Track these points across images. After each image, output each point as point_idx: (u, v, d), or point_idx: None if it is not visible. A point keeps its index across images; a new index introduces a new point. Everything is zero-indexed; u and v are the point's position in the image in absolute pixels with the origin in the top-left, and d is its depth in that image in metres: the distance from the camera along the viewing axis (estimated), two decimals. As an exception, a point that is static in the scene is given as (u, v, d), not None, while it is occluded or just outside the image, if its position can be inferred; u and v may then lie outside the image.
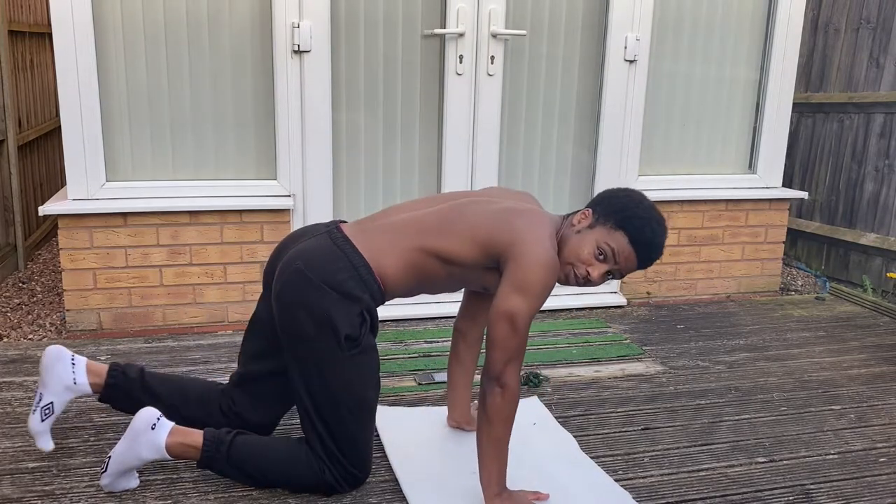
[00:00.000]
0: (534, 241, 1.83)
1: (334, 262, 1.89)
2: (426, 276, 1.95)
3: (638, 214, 1.89)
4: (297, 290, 1.89)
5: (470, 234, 1.90)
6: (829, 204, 4.49)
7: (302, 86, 3.11)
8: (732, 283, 3.88)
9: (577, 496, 1.99)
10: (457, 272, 1.94)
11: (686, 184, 3.73)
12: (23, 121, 4.21)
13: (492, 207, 1.95)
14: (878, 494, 2.10)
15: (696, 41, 3.64)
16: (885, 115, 4.14)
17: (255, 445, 1.98)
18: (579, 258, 1.90)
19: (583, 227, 1.93)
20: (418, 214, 1.99)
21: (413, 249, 1.92)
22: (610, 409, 2.56)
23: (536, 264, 1.79)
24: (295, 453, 1.97)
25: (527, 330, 1.79)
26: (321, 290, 1.86)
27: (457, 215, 1.95)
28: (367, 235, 1.96)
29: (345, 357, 1.89)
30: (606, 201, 1.95)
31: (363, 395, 1.94)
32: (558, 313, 3.53)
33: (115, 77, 3.00)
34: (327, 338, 1.87)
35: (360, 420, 1.95)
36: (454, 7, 3.21)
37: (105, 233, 3.03)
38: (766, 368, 2.96)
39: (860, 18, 4.27)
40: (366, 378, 1.95)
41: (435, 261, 1.92)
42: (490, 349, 1.79)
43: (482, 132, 3.36)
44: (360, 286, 1.89)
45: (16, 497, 1.94)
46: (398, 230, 1.96)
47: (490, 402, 1.79)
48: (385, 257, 1.92)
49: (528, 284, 1.78)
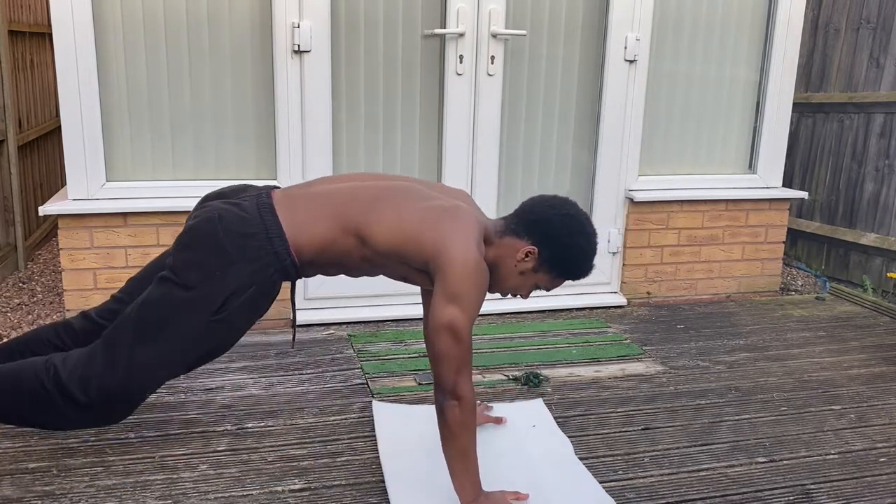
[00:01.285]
0: (462, 249, 1.81)
1: (249, 226, 1.88)
2: (342, 255, 1.92)
3: (584, 268, 1.95)
4: (201, 237, 1.88)
5: (397, 225, 1.88)
6: (830, 204, 4.49)
7: (302, 86, 3.11)
8: (732, 283, 3.88)
9: (557, 499, 1.98)
10: (372, 257, 1.92)
11: (686, 184, 3.73)
12: (23, 121, 4.21)
13: (424, 204, 1.93)
14: (878, 494, 2.10)
15: (696, 41, 3.64)
16: (885, 115, 4.14)
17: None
18: (517, 294, 1.99)
19: (526, 268, 1.93)
20: (350, 187, 1.97)
21: (334, 225, 1.90)
22: (610, 409, 2.56)
23: (466, 273, 1.78)
24: (33, 363, 1.95)
25: (469, 337, 1.78)
26: (223, 249, 1.85)
27: (388, 200, 1.92)
28: (292, 203, 1.94)
29: (204, 315, 1.87)
30: (552, 243, 1.90)
31: (180, 351, 1.92)
32: (558, 313, 3.53)
33: (115, 77, 3.00)
34: (204, 292, 1.86)
35: (152, 364, 1.92)
36: (454, 7, 3.21)
37: (105, 233, 3.03)
38: (767, 368, 2.96)
39: (860, 18, 4.26)
40: (198, 344, 1.93)
41: (354, 240, 1.90)
42: (436, 364, 1.77)
43: (482, 132, 3.36)
44: (268, 257, 1.87)
45: (16, 497, 1.94)
46: (324, 202, 1.94)
47: (450, 417, 1.77)
48: (304, 229, 1.90)
49: (462, 293, 1.77)
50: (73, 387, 1.91)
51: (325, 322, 3.26)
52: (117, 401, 1.95)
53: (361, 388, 2.66)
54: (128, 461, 2.13)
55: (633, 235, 3.66)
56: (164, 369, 1.97)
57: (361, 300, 3.34)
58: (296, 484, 2.05)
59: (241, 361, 2.84)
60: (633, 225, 3.65)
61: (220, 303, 1.86)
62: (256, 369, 2.78)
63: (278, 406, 2.50)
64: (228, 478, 2.07)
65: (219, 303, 1.86)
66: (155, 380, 1.98)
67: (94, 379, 1.91)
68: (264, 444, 2.25)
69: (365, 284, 3.32)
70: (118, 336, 1.94)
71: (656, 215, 3.67)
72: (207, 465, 2.13)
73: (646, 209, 3.64)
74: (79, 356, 1.95)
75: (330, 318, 3.27)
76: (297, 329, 3.19)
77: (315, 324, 3.24)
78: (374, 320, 3.30)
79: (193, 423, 2.36)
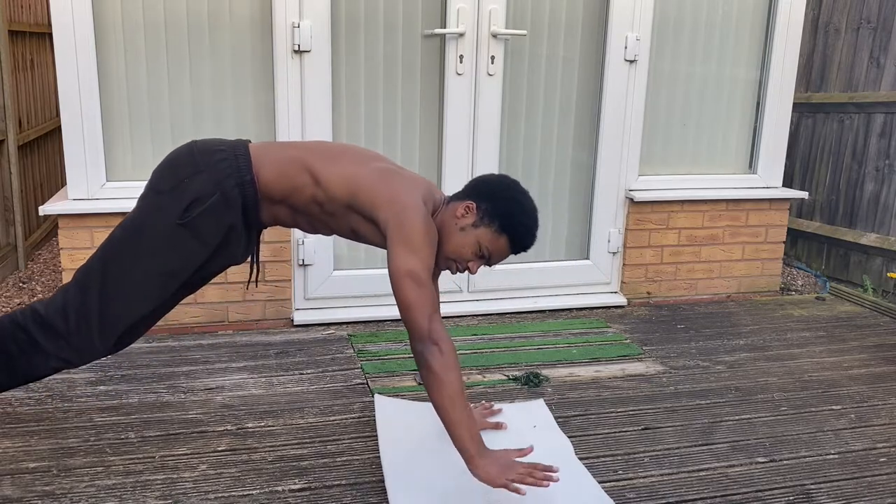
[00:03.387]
0: (412, 203, 1.90)
1: (219, 147, 2.00)
2: (294, 189, 1.99)
3: (522, 222, 1.99)
4: (176, 156, 2.02)
5: (352, 174, 1.97)
6: (830, 204, 4.49)
7: (302, 85, 3.11)
8: (733, 283, 3.88)
9: (557, 499, 1.98)
10: (323, 200, 1.98)
11: (686, 184, 3.73)
12: (23, 121, 4.21)
13: (383, 164, 2.05)
14: (878, 494, 2.10)
15: (696, 41, 3.64)
16: (885, 115, 4.14)
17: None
18: (461, 256, 2.00)
19: (466, 223, 1.98)
20: (319, 143, 2.21)
21: (294, 163, 1.99)
22: (610, 409, 2.56)
23: (416, 222, 1.86)
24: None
25: (430, 281, 1.84)
26: (193, 161, 1.97)
27: (351, 157, 2.04)
28: (263, 145, 2.07)
29: (170, 219, 1.93)
30: (490, 197, 1.99)
31: (151, 259, 1.96)
32: (558, 313, 3.53)
33: (115, 77, 3.00)
34: (172, 196, 1.94)
35: (125, 278, 1.96)
36: (454, 7, 3.21)
37: (105, 233, 2.98)
38: (767, 368, 2.96)
39: (860, 18, 4.26)
40: (169, 256, 1.97)
41: (308, 178, 1.98)
42: (407, 312, 1.82)
43: (482, 132, 3.36)
44: (231, 169, 1.96)
45: (16, 497, 1.94)
46: (291, 146, 2.10)
47: (433, 362, 1.80)
48: (267, 159, 2.00)
49: (416, 242, 1.84)
50: (52, 316, 1.95)
51: (325, 322, 3.26)
52: (96, 329, 1.96)
53: (361, 388, 2.66)
54: (128, 461, 2.13)
55: (633, 235, 3.66)
56: (139, 290, 1.98)
57: (361, 300, 3.34)
58: (296, 484, 2.05)
59: (241, 361, 2.84)
60: (633, 225, 3.65)
61: (184, 206, 1.93)
62: (256, 369, 2.78)
63: (278, 406, 2.50)
64: (228, 478, 2.07)
65: (184, 206, 1.93)
66: (131, 302, 1.99)
67: (72, 304, 1.95)
68: (264, 444, 2.25)
69: (365, 284, 3.33)
70: (91, 261, 2.00)
71: (656, 215, 3.67)
72: (207, 465, 2.13)
73: (646, 209, 3.64)
74: (56, 290, 2.03)
75: (330, 318, 3.27)
76: (297, 329, 3.20)
77: (315, 324, 3.24)
78: (374, 320, 3.30)
79: (193, 423, 2.36)
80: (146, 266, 1.96)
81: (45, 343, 1.96)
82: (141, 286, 1.98)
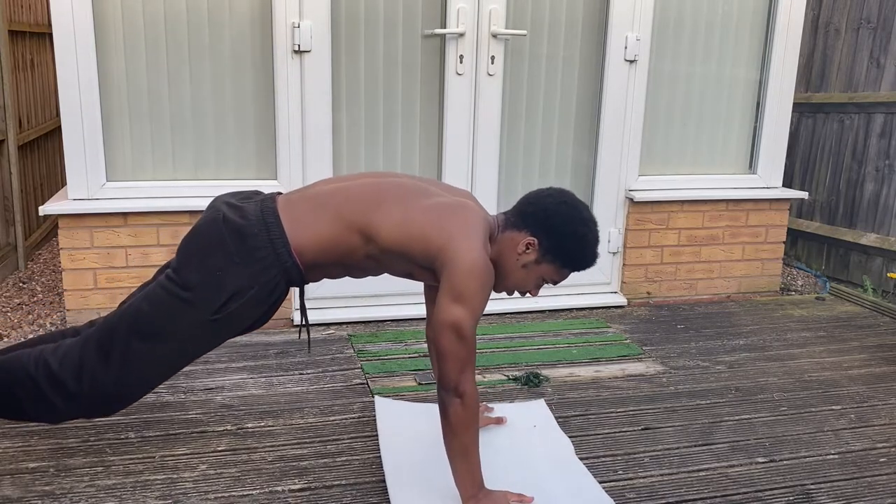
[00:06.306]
0: (467, 248, 1.80)
1: (251, 228, 1.85)
2: (346, 253, 1.90)
3: (587, 255, 1.92)
4: (203, 238, 1.88)
5: (402, 222, 1.86)
6: (830, 204, 4.49)
7: (302, 86, 3.11)
8: (733, 283, 3.88)
9: (557, 500, 1.98)
10: (378, 255, 1.90)
11: (686, 184, 3.73)
12: (23, 121, 4.21)
13: (429, 202, 1.91)
14: (878, 494, 2.10)
15: (696, 41, 3.64)
16: (885, 115, 4.14)
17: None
18: (523, 289, 1.97)
19: (528, 261, 1.92)
20: (351, 185, 1.95)
21: (337, 223, 1.87)
22: (610, 409, 2.55)
23: (471, 271, 1.78)
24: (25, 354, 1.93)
25: (473, 336, 1.78)
26: (225, 250, 1.84)
27: (393, 197, 1.90)
28: (293, 206, 1.91)
29: (203, 315, 1.85)
30: (551, 231, 1.89)
31: (177, 351, 1.91)
32: (558, 313, 3.53)
33: (115, 77, 3.00)
34: (204, 292, 1.84)
35: (146, 361, 1.90)
36: (454, 7, 3.21)
37: (105, 233, 3.03)
38: (767, 368, 2.96)
39: (860, 18, 4.26)
40: (195, 344, 1.92)
41: (358, 238, 1.87)
42: (441, 361, 1.78)
43: (482, 132, 3.36)
44: (270, 258, 1.85)
45: (16, 497, 1.94)
46: (325, 201, 1.91)
47: (452, 413, 1.78)
48: (306, 230, 1.87)
49: (467, 292, 1.76)
50: (66, 374, 1.89)
51: (325, 322, 3.26)
52: (109, 396, 1.93)
53: (361, 388, 2.66)
54: (128, 461, 2.13)
55: (633, 235, 3.66)
56: (158, 368, 1.95)
57: (361, 300, 3.34)
58: (296, 484, 2.05)
59: (241, 361, 2.84)
60: (633, 225, 3.65)
61: (219, 304, 1.85)
62: (256, 369, 2.78)
63: (278, 406, 2.50)
64: (228, 478, 2.07)
65: (218, 304, 1.85)
66: (148, 378, 1.96)
67: (88, 368, 1.89)
68: (264, 444, 2.25)
69: (365, 284, 3.32)
70: (116, 327, 1.91)
71: (656, 215, 3.67)
72: (207, 465, 2.13)
73: (646, 209, 3.64)
74: (71, 344, 1.93)
75: (330, 318, 3.27)
76: (297, 329, 3.20)
77: (315, 324, 3.24)
78: (374, 320, 3.30)
79: (193, 423, 2.36)
80: (173, 347, 1.91)
81: (55, 399, 1.91)
82: (164, 362, 1.94)
